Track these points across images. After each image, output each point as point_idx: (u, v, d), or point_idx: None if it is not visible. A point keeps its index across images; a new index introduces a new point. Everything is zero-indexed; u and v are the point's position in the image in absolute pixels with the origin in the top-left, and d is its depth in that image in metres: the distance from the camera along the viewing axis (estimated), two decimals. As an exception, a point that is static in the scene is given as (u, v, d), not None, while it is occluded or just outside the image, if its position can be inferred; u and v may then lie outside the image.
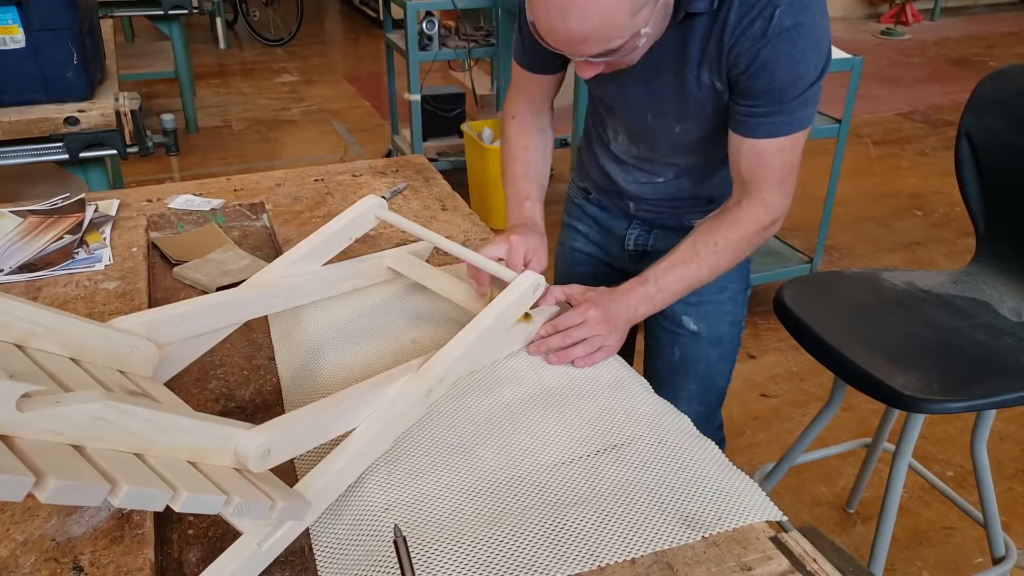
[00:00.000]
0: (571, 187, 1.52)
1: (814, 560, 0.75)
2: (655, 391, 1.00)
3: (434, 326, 1.12)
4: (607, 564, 0.75)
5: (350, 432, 0.84)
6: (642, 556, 0.76)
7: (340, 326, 1.11)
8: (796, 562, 0.75)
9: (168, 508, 0.81)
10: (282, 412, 0.96)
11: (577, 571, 0.74)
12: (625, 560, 0.75)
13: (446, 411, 0.94)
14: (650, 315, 1.14)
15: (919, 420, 1.43)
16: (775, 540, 0.78)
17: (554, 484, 0.84)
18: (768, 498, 0.83)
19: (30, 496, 0.55)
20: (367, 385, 0.86)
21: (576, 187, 1.50)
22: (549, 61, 1.26)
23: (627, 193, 1.35)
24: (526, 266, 1.14)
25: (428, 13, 3.44)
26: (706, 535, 0.78)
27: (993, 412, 1.50)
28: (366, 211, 1.14)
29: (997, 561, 1.66)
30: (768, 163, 1.09)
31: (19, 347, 0.72)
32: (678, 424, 0.94)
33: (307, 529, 0.80)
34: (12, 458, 0.54)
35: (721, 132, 1.14)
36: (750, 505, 0.82)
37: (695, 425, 0.95)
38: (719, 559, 0.76)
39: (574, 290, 1.13)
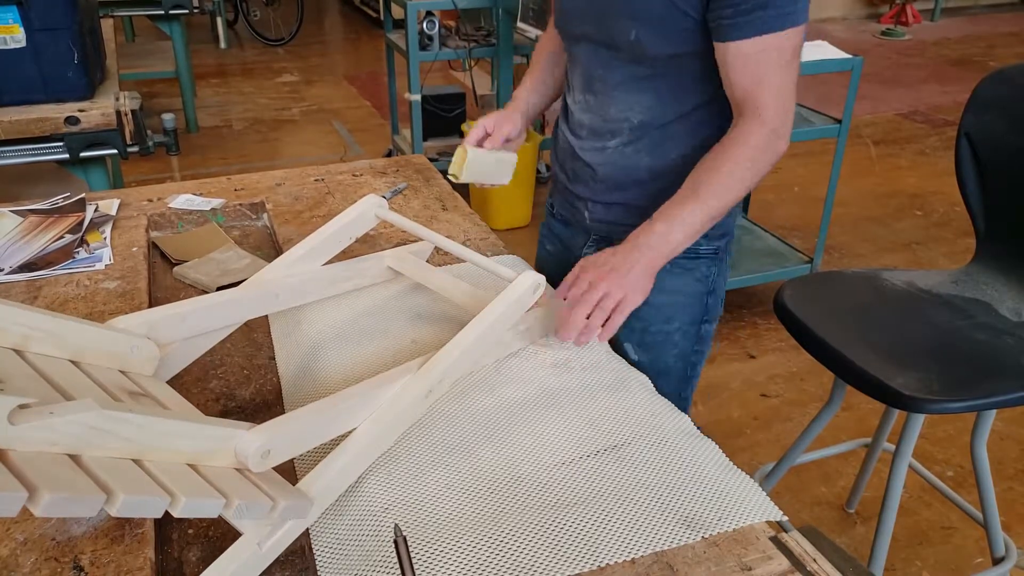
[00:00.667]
0: (545, 205, 1.52)
1: (814, 560, 0.76)
2: None
3: (434, 326, 1.12)
4: (607, 564, 0.75)
5: (350, 432, 0.84)
6: (642, 557, 0.76)
7: (340, 326, 1.11)
8: (796, 562, 0.75)
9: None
10: (282, 412, 0.96)
11: (577, 571, 0.74)
12: (625, 560, 0.75)
13: (446, 411, 0.94)
14: (679, 251, 1.10)
15: (919, 420, 1.43)
16: (775, 540, 0.78)
17: (554, 484, 0.84)
18: (768, 498, 0.83)
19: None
20: (367, 385, 0.86)
21: (547, 203, 1.49)
22: None
23: (581, 176, 1.31)
24: (489, 136, 1.25)
25: (428, 13, 3.44)
26: (706, 535, 0.78)
27: (993, 412, 1.50)
28: (366, 211, 1.14)
29: (997, 561, 1.66)
30: (759, 68, 1.03)
31: (17, 352, 0.72)
32: (678, 424, 0.94)
33: (307, 529, 0.80)
34: (5, 473, 0.54)
35: (682, 62, 1.11)
36: (750, 505, 0.82)
37: None
38: (719, 559, 0.76)
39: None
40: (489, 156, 1.24)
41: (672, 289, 1.27)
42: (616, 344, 1.25)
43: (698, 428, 0.94)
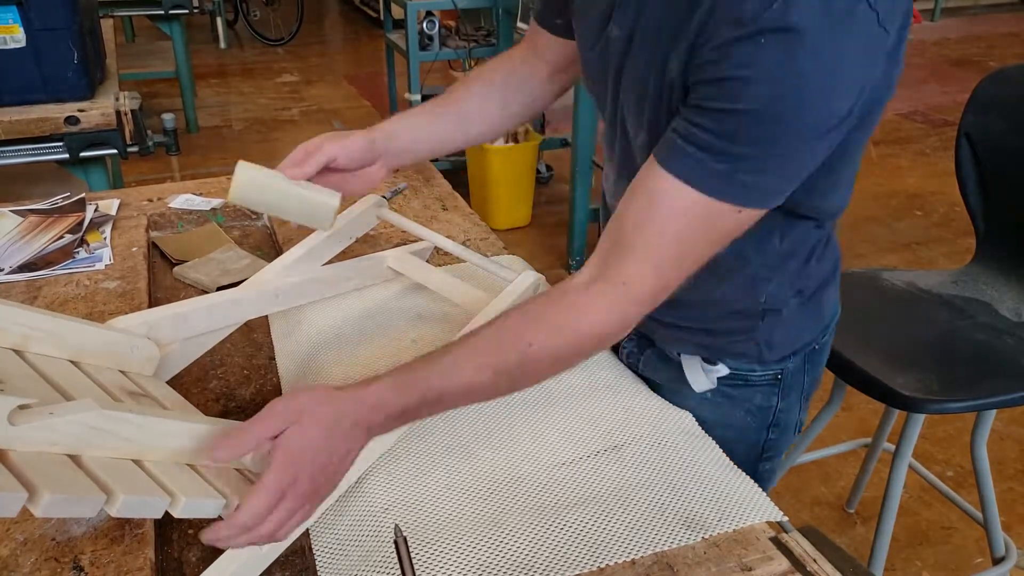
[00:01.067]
0: None
1: (814, 560, 0.75)
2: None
3: (434, 326, 1.12)
4: (608, 565, 0.75)
5: None
6: (642, 557, 0.76)
7: (340, 326, 1.11)
8: (796, 562, 0.75)
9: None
10: (282, 412, 0.96)
11: (578, 572, 0.74)
12: (626, 561, 0.75)
13: (447, 412, 0.94)
14: (410, 416, 0.73)
15: (919, 420, 1.43)
16: (775, 540, 0.78)
17: (554, 485, 0.84)
18: (768, 498, 0.83)
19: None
20: None
21: None
22: (549, 8, 0.99)
23: None
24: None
25: (428, 13, 3.44)
26: (706, 536, 0.78)
27: (993, 412, 1.50)
28: (366, 211, 1.14)
29: (997, 561, 1.66)
30: (660, 225, 0.71)
31: (17, 352, 0.72)
32: (679, 423, 0.94)
33: (307, 529, 0.80)
34: (5, 473, 0.54)
35: None
36: (751, 505, 0.82)
37: None
38: (719, 559, 0.76)
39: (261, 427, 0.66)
40: (279, 185, 0.91)
41: (713, 422, 0.96)
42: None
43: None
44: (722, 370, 0.97)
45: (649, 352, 1.05)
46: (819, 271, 0.93)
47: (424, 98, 3.61)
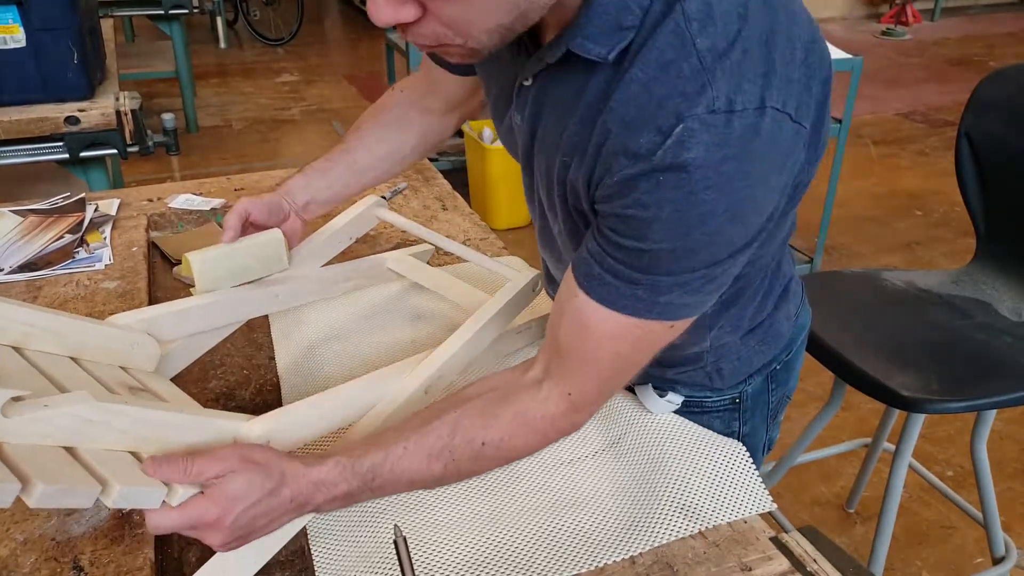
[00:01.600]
0: None
1: (814, 560, 0.76)
2: None
3: (433, 327, 1.12)
4: (606, 564, 0.75)
5: (349, 427, 0.84)
6: (642, 557, 0.76)
7: (340, 326, 1.11)
8: (796, 562, 0.75)
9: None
10: (282, 412, 0.96)
11: (576, 571, 0.74)
12: (625, 560, 0.75)
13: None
14: (351, 498, 0.71)
15: (919, 420, 1.43)
16: (775, 540, 0.78)
17: (553, 485, 0.84)
18: (763, 485, 0.84)
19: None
20: (366, 380, 0.86)
21: None
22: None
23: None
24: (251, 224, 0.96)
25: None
26: (704, 527, 0.78)
27: (993, 412, 1.50)
28: (366, 210, 1.14)
29: (997, 561, 1.66)
30: (594, 346, 0.70)
31: (16, 349, 0.72)
32: (675, 420, 0.94)
33: (306, 530, 0.80)
34: None
35: None
36: (748, 495, 0.82)
37: None
38: (719, 559, 0.76)
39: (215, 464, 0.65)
40: (227, 249, 0.94)
41: None
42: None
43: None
44: (675, 399, 0.94)
45: None
46: (766, 303, 0.89)
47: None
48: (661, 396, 0.94)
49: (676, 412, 0.95)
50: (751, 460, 0.88)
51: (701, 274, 0.65)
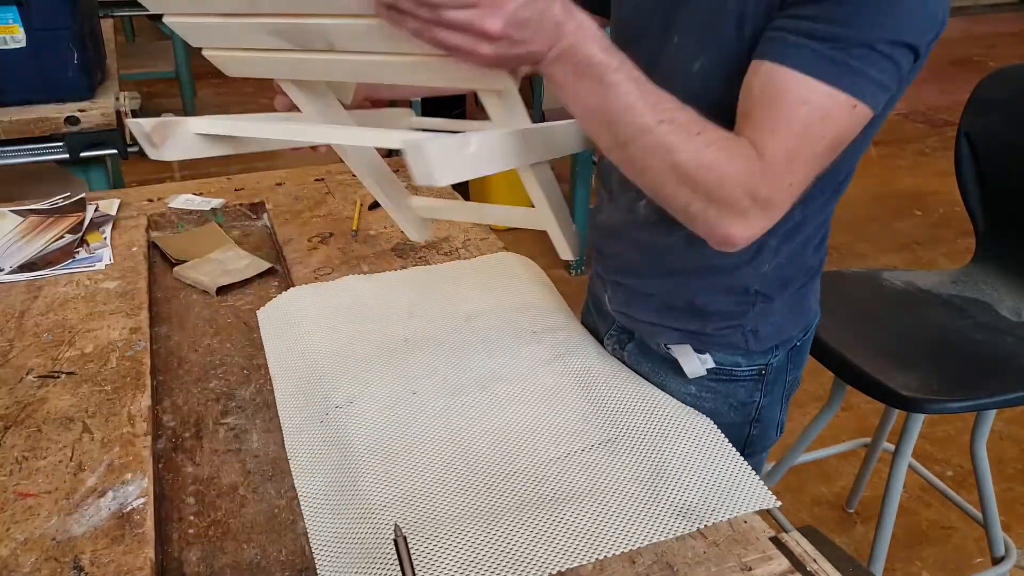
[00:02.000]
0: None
1: (814, 560, 0.76)
2: None
3: (426, 323, 1.12)
4: (605, 557, 0.75)
5: None
6: (642, 557, 0.76)
7: (332, 325, 1.11)
8: (796, 562, 0.75)
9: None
10: (282, 412, 0.97)
11: (576, 564, 0.74)
12: (624, 554, 0.76)
13: (442, 409, 0.95)
14: (586, 67, 0.69)
15: (919, 420, 1.43)
16: (775, 540, 0.78)
17: (551, 479, 0.84)
18: (762, 483, 0.84)
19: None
20: None
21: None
22: None
23: (604, 247, 1.05)
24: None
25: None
26: (702, 525, 0.79)
27: (993, 412, 1.50)
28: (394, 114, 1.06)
29: (997, 561, 1.66)
30: (786, 112, 0.72)
31: None
32: (673, 415, 0.94)
33: (305, 529, 0.80)
34: None
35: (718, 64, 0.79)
36: (746, 493, 0.82)
37: None
38: (719, 559, 0.76)
39: None
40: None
41: None
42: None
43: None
44: (709, 361, 0.98)
45: (631, 346, 1.07)
46: (813, 260, 0.95)
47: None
48: (699, 355, 0.98)
49: (704, 382, 0.98)
50: (748, 465, 0.88)
51: (885, 48, 0.71)
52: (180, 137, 0.83)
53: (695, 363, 0.99)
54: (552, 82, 0.71)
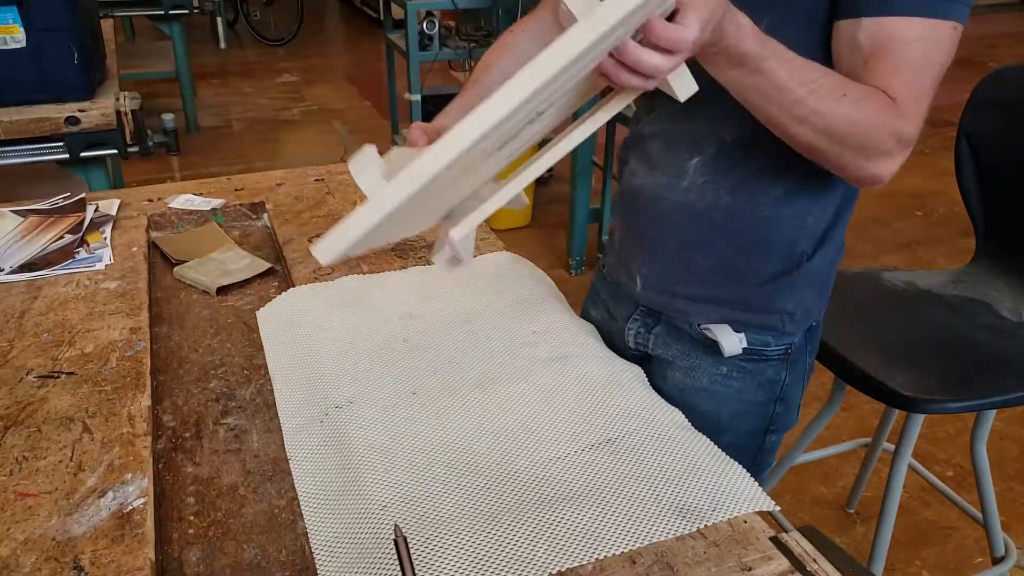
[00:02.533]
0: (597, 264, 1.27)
1: (814, 560, 0.76)
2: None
3: (426, 325, 1.12)
4: (605, 557, 0.75)
5: None
6: (642, 557, 0.76)
7: (332, 327, 1.11)
8: (796, 562, 0.75)
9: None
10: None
11: (575, 564, 0.74)
12: (624, 554, 0.76)
13: (442, 409, 0.95)
14: (740, 60, 0.74)
15: (919, 420, 1.43)
16: (775, 540, 0.78)
17: (551, 479, 0.84)
18: (760, 488, 0.84)
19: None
20: None
21: (598, 263, 1.26)
22: None
23: (638, 222, 1.05)
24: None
25: (429, 13, 3.44)
26: (702, 526, 0.79)
27: (993, 412, 1.50)
28: None
29: (997, 561, 1.66)
30: (905, 57, 0.78)
31: None
32: (671, 417, 0.94)
33: (305, 529, 0.80)
34: None
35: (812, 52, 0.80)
36: (744, 495, 0.82)
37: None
38: (719, 559, 0.76)
39: None
40: None
41: (726, 396, 1.04)
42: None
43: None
44: (744, 340, 1.02)
45: (658, 329, 1.08)
46: (841, 232, 1.03)
47: (424, 99, 3.62)
48: (736, 333, 1.02)
49: (736, 363, 1.03)
50: (746, 471, 0.87)
51: None
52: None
53: (733, 341, 1.01)
54: (712, 69, 0.77)
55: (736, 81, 0.77)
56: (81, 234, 1.32)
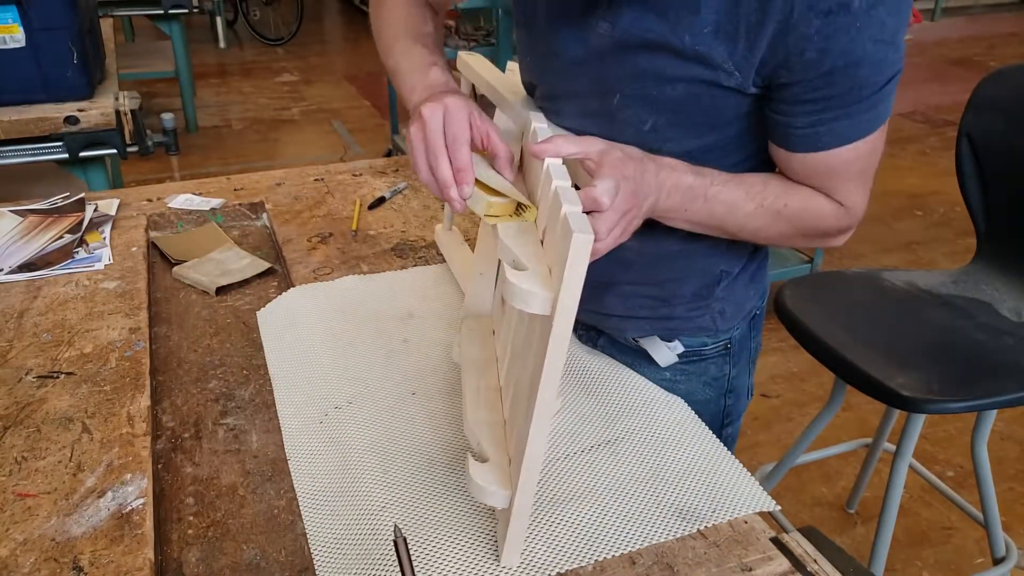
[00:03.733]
0: None
1: (815, 561, 0.75)
2: None
3: (425, 325, 1.12)
4: (605, 558, 0.75)
5: None
6: (642, 558, 0.76)
7: (331, 327, 1.10)
8: (797, 563, 0.75)
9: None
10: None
11: (575, 566, 0.74)
12: (624, 555, 0.75)
13: (441, 409, 0.94)
14: (665, 218, 0.82)
15: (919, 420, 1.43)
16: (775, 540, 0.78)
17: (550, 480, 0.84)
18: (760, 487, 0.84)
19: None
20: None
21: None
22: None
23: None
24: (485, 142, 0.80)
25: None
26: (702, 527, 0.78)
27: (994, 412, 1.50)
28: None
29: (997, 561, 1.66)
30: (845, 172, 0.83)
31: None
32: (672, 417, 0.94)
33: (304, 530, 0.80)
34: None
35: (710, 147, 0.84)
36: (744, 496, 0.82)
37: None
38: (720, 560, 0.76)
39: (590, 146, 0.76)
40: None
41: None
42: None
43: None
44: (678, 347, 1.02)
45: (602, 341, 1.09)
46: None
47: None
48: (667, 343, 1.02)
49: (677, 365, 1.03)
50: (747, 471, 0.88)
51: (893, 84, 0.78)
52: None
53: (665, 352, 1.02)
54: (667, 216, 0.83)
55: (691, 214, 0.83)
56: (80, 234, 1.32)
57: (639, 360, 1.05)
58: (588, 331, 1.10)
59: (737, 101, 0.80)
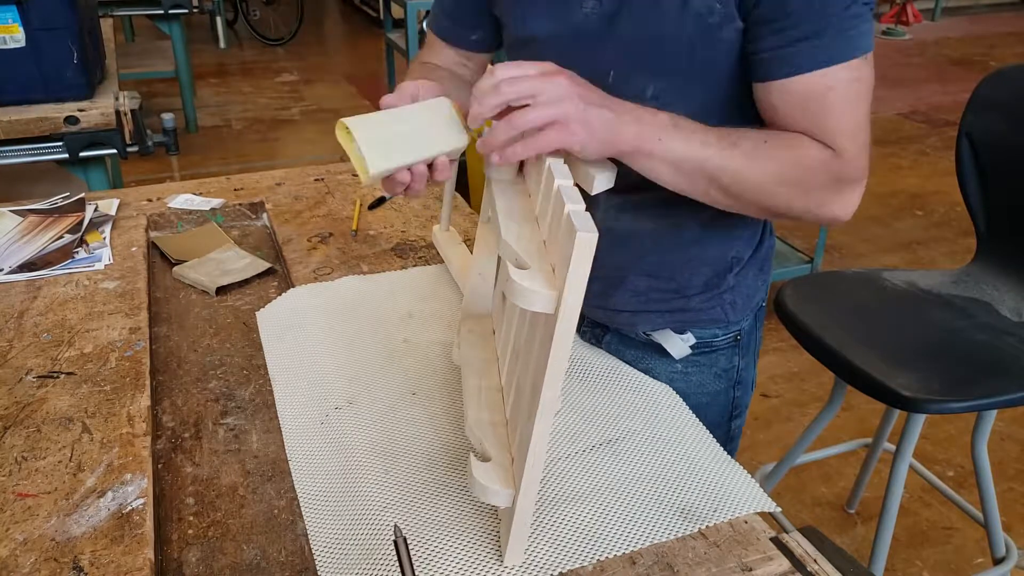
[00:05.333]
0: None
1: (815, 561, 0.75)
2: None
3: (425, 325, 1.12)
4: (606, 557, 0.75)
5: None
6: (643, 557, 0.76)
7: (332, 327, 1.10)
8: (797, 563, 0.75)
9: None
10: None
11: (576, 566, 0.74)
12: (624, 555, 0.75)
13: (442, 409, 0.94)
14: (638, 149, 0.78)
15: (919, 420, 1.43)
16: (776, 541, 0.78)
17: (551, 480, 0.84)
18: (761, 489, 0.84)
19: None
20: None
21: None
22: (462, 24, 1.03)
23: None
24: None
25: (428, 12, 3.44)
26: (702, 527, 0.78)
27: (994, 412, 1.50)
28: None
29: (997, 561, 1.66)
30: (825, 105, 0.79)
31: None
32: (673, 417, 0.94)
33: (305, 530, 0.80)
34: None
35: (710, 110, 0.85)
36: (745, 497, 0.82)
37: None
38: (720, 559, 0.76)
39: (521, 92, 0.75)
40: (383, 115, 0.88)
41: (686, 391, 1.02)
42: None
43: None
44: (691, 338, 1.04)
45: (608, 338, 1.09)
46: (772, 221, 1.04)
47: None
48: (680, 335, 1.03)
49: (689, 358, 1.04)
50: (747, 472, 0.88)
51: (864, 5, 0.77)
52: None
53: (678, 344, 1.04)
54: (642, 148, 0.79)
55: (669, 143, 0.79)
56: (80, 234, 1.32)
57: (649, 354, 1.05)
58: (593, 328, 1.10)
59: (728, 46, 0.82)
